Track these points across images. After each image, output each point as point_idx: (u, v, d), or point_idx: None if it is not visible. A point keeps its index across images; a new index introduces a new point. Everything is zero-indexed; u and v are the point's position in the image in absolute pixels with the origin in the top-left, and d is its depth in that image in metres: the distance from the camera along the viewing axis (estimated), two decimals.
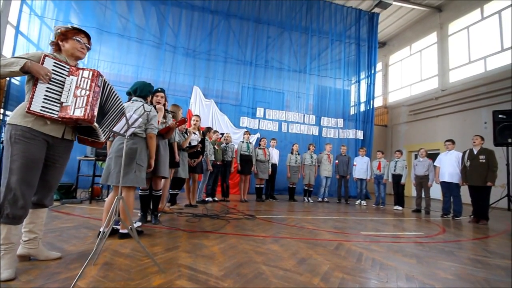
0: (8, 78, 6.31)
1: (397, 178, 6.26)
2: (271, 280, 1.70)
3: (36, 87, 1.55)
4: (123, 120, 1.81)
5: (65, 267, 1.71)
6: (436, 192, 7.91)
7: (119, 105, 1.90)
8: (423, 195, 5.90)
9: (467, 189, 4.99)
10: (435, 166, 5.63)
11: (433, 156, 5.83)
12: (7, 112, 6.14)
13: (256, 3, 8.82)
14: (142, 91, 2.63)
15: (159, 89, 3.08)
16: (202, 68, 8.43)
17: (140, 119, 1.81)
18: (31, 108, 1.52)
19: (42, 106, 1.55)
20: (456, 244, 3.06)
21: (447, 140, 5.48)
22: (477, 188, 4.77)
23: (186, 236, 2.68)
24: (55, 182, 1.82)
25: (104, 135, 1.81)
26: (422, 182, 5.86)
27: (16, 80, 6.60)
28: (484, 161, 4.72)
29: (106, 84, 1.80)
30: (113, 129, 1.81)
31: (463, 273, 2.08)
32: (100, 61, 7.54)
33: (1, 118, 6.15)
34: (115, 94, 1.87)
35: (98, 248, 1.69)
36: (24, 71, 1.51)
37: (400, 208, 6.18)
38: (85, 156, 4.70)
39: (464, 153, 5.11)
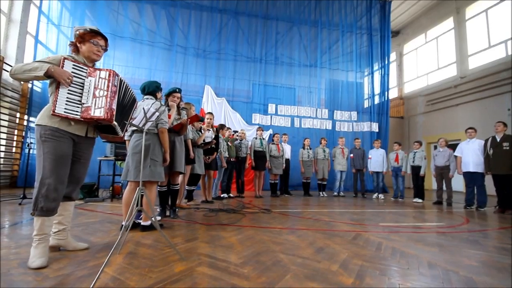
0: (30, 86, 6.65)
1: (416, 169, 6.08)
2: (290, 267, 1.71)
3: (58, 90, 1.65)
4: (141, 114, 1.88)
5: (93, 256, 1.80)
6: (457, 183, 7.63)
7: (132, 97, 1.98)
8: (444, 187, 5.70)
9: (491, 179, 4.78)
10: (456, 156, 5.42)
11: (454, 147, 5.61)
12: (31, 118, 6.47)
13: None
14: (150, 87, 2.72)
15: (177, 90, 3.18)
16: (213, 67, 8.52)
17: (157, 113, 1.86)
18: (55, 111, 1.63)
19: (65, 108, 1.66)
20: (481, 234, 2.95)
21: (469, 128, 5.26)
22: (501, 177, 4.56)
23: (204, 228, 2.74)
24: (82, 176, 1.92)
25: (122, 130, 1.89)
26: (443, 173, 5.66)
27: (38, 88, 6.94)
28: (508, 148, 4.50)
29: (122, 83, 1.87)
30: (133, 123, 1.88)
31: (489, 260, 2.00)
32: (114, 66, 7.78)
33: (26, 124, 6.50)
34: (130, 90, 1.96)
35: (122, 237, 1.76)
36: (47, 75, 1.60)
37: (420, 200, 5.99)
38: (105, 157, 4.88)
39: (486, 141, 4.90)
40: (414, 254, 2.08)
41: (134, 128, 2.56)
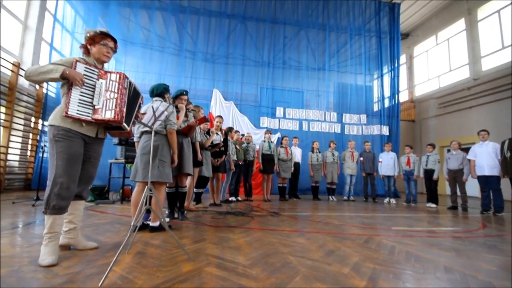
0: (45, 91, 6.86)
1: (429, 173, 5.91)
2: (299, 269, 1.67)
3: (71, 91, 1.69)
4: (150, 113, 1.90)
5: (102, 255, 1.80)
6: (472, 188, 7.38)
7: (138, 96, 2.01)
8: (458, 192, 5.51)
9: (507, 183, 4.60)
10: (469, 160, 5.25)
11: (468, 151, 5.45)
12: (45, 122, 6.66)
13: (272, 4, 8.86)
14: (158, 89, 2.76)
15: (184, 92, 3.22)
16: (221, 71, 8.59)
17: (166, 112, 1.87)
18: (68, 113, 1.67)
19: (78, 110, 1.69)
20: (499, 238, 2.82)
21: (482, 130, 5.10)
22: None
23: (212, 230, 2.72)
24: (92, 175, 1.95)
25: (128, 124, 1.92)
26: (456, 177, 5.48)
27: (52, 93, 7.15)
28: None
29: (131, 84, 1.91)
30: (142, 121, 1.90)
31: (508, 265, 1.91)
32: (125, 71, 7.93)
33: (41, 128, 6.69)
34: (137, 91, 1.99)
35: (130, 237, 1.76)
36: (62, 77, 1.65)
37: (433, 205, 5.80)
38: (116, 159, 4.95)
39: (503, 143, 4.73)
40: (430, 258, 2.00)
41: (144, 129, 2.59)
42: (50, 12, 7.18)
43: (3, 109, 5.60)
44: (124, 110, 1.81)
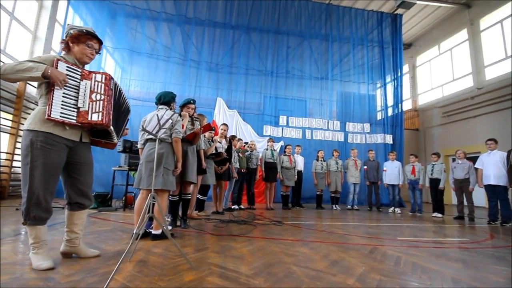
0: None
1: (434, 182, 5.83)
2: (303, 279, 1.64)
3: (53, 93, 1.55)
4: (155, 121, 1.91)
5: (104, 263, 1.79)
6: (478, 198, 7.26)
7: (127, 104, 1.94)
8: (464, 201, 5.42)
9: None
10: (476, 169, 5.19)
11: (473, 160, 5.39)
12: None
13: (275, 15, 9.01)
14: (165, 97, 2.77)
15: (191, 101, 3.26)
16: (225, 81, 8.69)
17: (170, 120, 1.89)
18: (51, 116, 1.53)
19: (61, 112, 1.57)
20: (507, 250, 2.75)
21: (489, 139, 5.05)
22: None
23: (215, 239, 2.69)
24: (90, 181, 1.87)
25: (117, 136, 1.85)
26: (463, 187, 5.40)
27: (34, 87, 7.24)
28: None
29: (117, 86, 1.83)
30: (147, 129, 1.91)
31: None
32: (131, 80, 8.08)
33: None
34: (124, 95, 1.93)
35: (132, 245, 1.75)
36: (44, 76, 1.50)
37: (439, 215, 5.70)
38: (119, 166, 4.97)
39: (509, 152, 4.67)
40: (436, 269, 1.96)
41: (148, 137, 2.61)
42: (59, 22, 7.38)
43: (10, 116, 5.70)
44: (111, 112, 1.72)
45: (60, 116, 1.57)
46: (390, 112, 9.29)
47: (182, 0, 8.41)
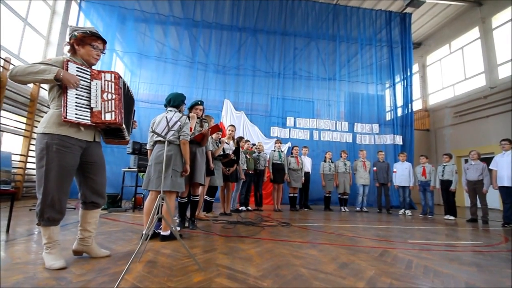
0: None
1: (446, 184, 5.69)
2: (312, 282, 1.62)
3: (66, 94, 1.57)
4: (164, 123, 1.93)
5: (114, 263, 1.81)
6: (493, 200, 7.06)
7: (132, 98, 1.98)
8: (478, 204, 5.27)
9: None
10: (490, 170, 5.04)
11: (487, 161, 5.24)
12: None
13: (282, 17, 9.01)
14: (175, 101, 2.79)
15: (199, 102, 3.30)
16: (232, 82, 8.73)
17: (179, 123, 1.91)
18: (67, 117, 1.56)
19: (76, 114, 1.60)
20: None
21: (503, 140, 4.91)
22: None
23: (223, 240, 2.70)
24: (104, 180, 1.91)
25: (128, 133, 1.89)
26: (476, 188, 5.25)
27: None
28: None
29: (125, 85, 1.86)
30: (155, 131, 1.93)
31: None
32: (140, 83, 8.21)
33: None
34: (131, 91, 1.96)
35: (142, 246, 1.77)
36: (56, 79, 1.52)
37: (452, 217, 5.55)
38: (129, 168, 5.04)
39: None
40: (449, 273, 1.90)
41: (157, 138, 2.64)
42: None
43: (24, 119, 5.87)
44: (123, 111, 1.75)
45: (76, 117, 1.60)
46: (399, 112, 9.14)
47: (190, 1, 8.49)
